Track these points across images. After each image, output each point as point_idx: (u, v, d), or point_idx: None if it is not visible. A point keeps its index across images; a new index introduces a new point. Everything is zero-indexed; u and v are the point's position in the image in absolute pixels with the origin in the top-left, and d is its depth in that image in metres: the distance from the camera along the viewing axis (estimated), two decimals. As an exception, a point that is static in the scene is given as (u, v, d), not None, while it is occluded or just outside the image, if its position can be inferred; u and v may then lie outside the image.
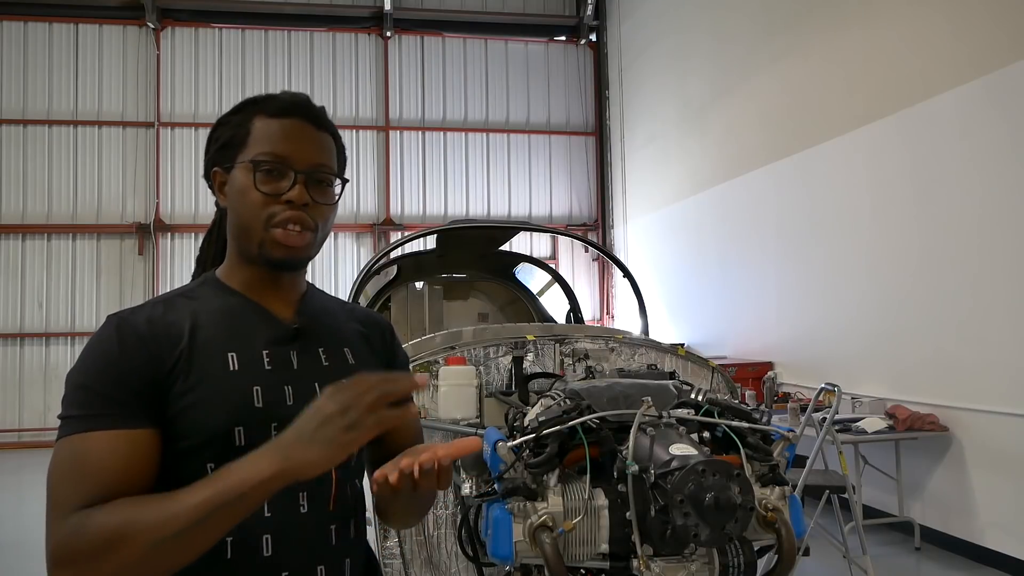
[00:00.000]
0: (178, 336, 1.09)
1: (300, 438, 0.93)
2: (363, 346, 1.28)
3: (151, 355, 1.06)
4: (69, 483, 0.97)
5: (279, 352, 1.14)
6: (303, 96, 1.19)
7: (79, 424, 1.01)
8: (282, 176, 1.13)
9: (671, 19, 9.39)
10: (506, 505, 1.66)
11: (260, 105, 1.17)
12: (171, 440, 1.06)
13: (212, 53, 10.60)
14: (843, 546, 4.11)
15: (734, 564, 1.59)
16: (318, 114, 1.19)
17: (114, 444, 0.99)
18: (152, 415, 1.04)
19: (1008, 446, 4.48)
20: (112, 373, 1.03)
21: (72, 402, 1.03)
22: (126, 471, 0.99)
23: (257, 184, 1.12)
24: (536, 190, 11.53)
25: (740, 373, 6.65)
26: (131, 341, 1.06)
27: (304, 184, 1.13)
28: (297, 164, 1.13)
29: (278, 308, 1.19)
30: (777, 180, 6.91)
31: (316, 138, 1.17)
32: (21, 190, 9.98)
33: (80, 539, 0.92)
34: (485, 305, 5.96)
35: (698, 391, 1.99)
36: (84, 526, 0.93)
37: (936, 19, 5.04)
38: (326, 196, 1.17)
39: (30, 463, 8.34)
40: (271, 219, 1.12)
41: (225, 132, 1.19)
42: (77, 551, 0.92)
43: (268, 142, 1.14)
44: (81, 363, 1.06)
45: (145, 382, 1.04)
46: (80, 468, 0.98)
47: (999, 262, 4.53)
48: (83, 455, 0.99)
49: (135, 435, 1.02)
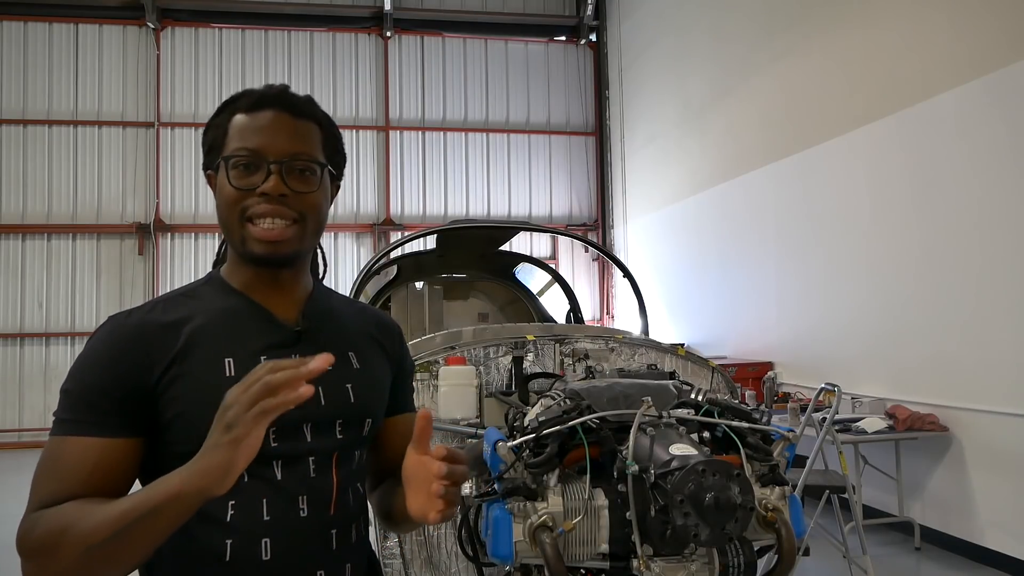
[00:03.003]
0: (173, 340, 1.07)
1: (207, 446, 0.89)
2: (372, 349, 1.26)
3: (140, 360, 1.05)
4: (41, 482, 1.01)
5: (279, 356, 1.12)
6: (279, 87, 1.17)
7: (61, 427, 1.03)
8: (256, 169, 1.11)
9: (671, 19, 9.39)
10: (506, 505, 1.66)
11: (236, 102, 1.16)
12: (167, 444, 1.06)
13: (212, 53, 10.60)
14: (843, 546, 4.11)
15: (734, 564, 1.59)
16: (295, 102, 1.16)
17: (85, 451, 1.01)
18: (134, 424, 1.04)
19: (1008, 446, 4.48)
20: (97, 380, 1.04)
21: (60, 403, 1.05)
22: (91, 478, 1.00)
23: (231, 180, 1.11)
24: (536, 190, 11.53)
25: (740, 373, 6.65)
26: (120, 346, 1.06)
27: (280, 174, 1.10)
28: (270, 155, 1.11)
29: (281, 309, 1.17)
30: (777, 180, 6.91)
31: (292, 126, 1.14)
32: (21, 190, 9.98)
33: (31, 536, 0.96)
34: (485, 305, 5.95)
35: (698, 391, 1.99)
36: (36, 524, 0.96)
37: (936, 19, 5.04)
38: (307, 184, 1.13)
39: (30, 463, 8.20)
40: (244, 213, 1.10)
41: (209, 136, 1.18)
42: (29, 547, 0.95)
43: (241, 137, 1.12)
44: (75, 366, 1.07)
45: (128, 389, 1.04)
46: (52, 470, 1.01)
47: (999, 262, 4.53)
48: (58, 458, 1.01)
49: (108, 444, 1.02)
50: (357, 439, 1.19)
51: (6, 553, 1.10)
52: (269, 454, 1.08)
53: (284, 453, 1.09)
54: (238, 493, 1.04)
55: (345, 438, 1.16)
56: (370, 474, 1.31)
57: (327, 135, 1.20)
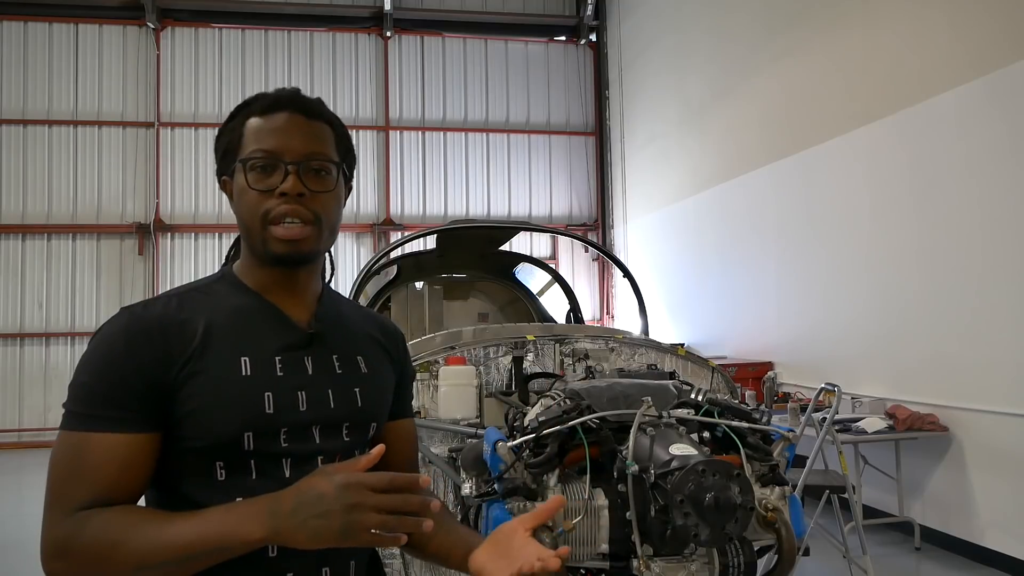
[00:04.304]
0: (191, 335, 1.08)
1: (295, 514, 0.94)
2: (378, 354, 1.27)
3: (159, 355, 1.05)
4: (68, 482, 1.00)
5: (293, 357, 1.13)
6: (291, 90, 1.18)
7: (80, 421, 1.02)
8: (274, 171, 1.12)
9: (671, 19, 9.39)
10: (506, 505, 1.66)
11: (250, 106, 1.17)
12: (180, 439, 1.06)
13: (212, 53, 10.60)
14: (843, 546, 4.11)
15: (734, 564, 1.59)
16: (308, 104, 1.17)
17: (112, 448, 1.01)
18: (153, 418, 1.04)
19: (1008, 446, 4.48)
20: (116, 373, 1.03)
21: (75, 396, 1.04)
22: (121, 475, 1.01)
23: (250, 183, 1.12)
24: (536, 190, 11.53)
25: (740, 373, 6.65)
26: (139, 340, 1.05)
27: (297, 174, 1.11)
28: (287, 156, 1.12)
29: (294, 311, 1.18)
30: (777, 180, 6.91)
31: (307, 127, 1.15)
32: (21, 190, 9.98)
33: (75, 542, 0.97)
34: (485, 305, 5.95)
35: (698, 391, 1.99)
36: (81, 532, 0.97)
37: (936, 19, 5.04)
38: (324, 184, 1.15)
39: (30, 463, 8.33)
40: (267, 215, 1.11)
41: (224, 140, 1.19)
42: (70, 553, 0.97)
43: (257, 140, 1.13)
44: (88, 357, 1.06)
45: (148, 384, 1.04)
46: (79, 468, 1.00)
47: (999, 262, 4.53)
48: (82, 455, 1.01)
49: (132, 439, 1.02)
50: (362, 442, 1.20)
51: (6, 553, 1.09)
52: (279, 453, 1.09)
53: (294, 452, 1.11)
54: (246, 491, 1.05)
55: (351, 440, 1.18)
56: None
57: (339, 135, 1.22)
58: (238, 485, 1.06)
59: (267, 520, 0.95)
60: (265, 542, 0.95)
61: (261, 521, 0.95)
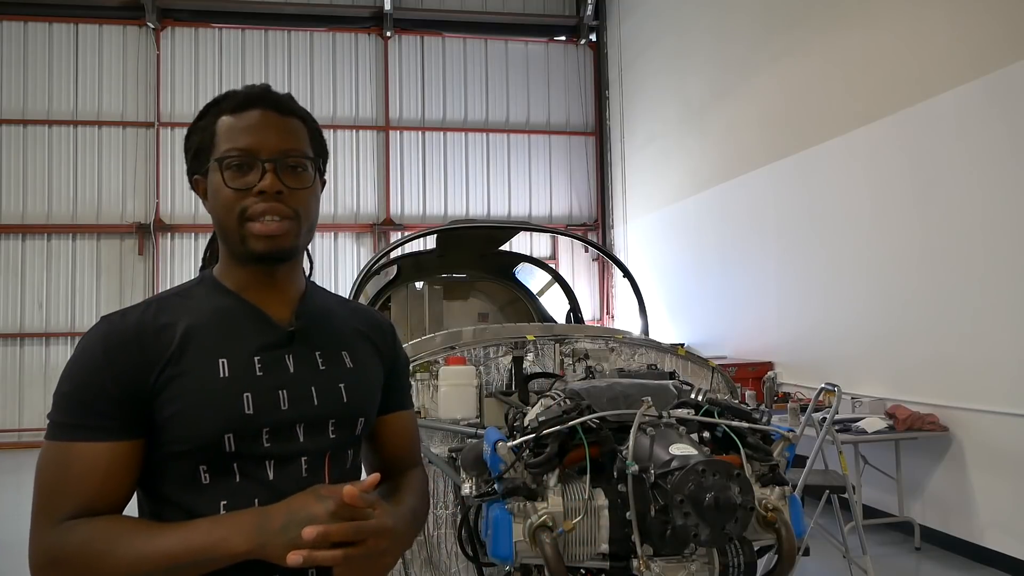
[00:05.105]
0: (169, 340, 1.07)
1: (284, 532, 0.96)
2: (364, 348, 1.26)
3: (137, 361, 1.05)
4: (54, 492, 1.01)
5: (273, 356, 1.12)
6: (262, 86, 1.17)
7: (62, 431, 1.03)
8: (250, 169, 1.11)
9: (671, 19, 9.39)
10: (506, 505, 1.66)
11: (221, 105, 1.16)
12: (163, 443, 1.06)
13: (212, 53, 10.59)
14: (843, 546, 4.11)
15: (734, 564, 1.59)
16: (280, 100, 1.16)
17: (94, 457, 1.01)
18: (134, 425, 1.04)
19: (1008, 446, 4.48)
20: (95, 383, 1.03)
21: (57, 406, 1.04)
22: (105, 483, 1.02)
23: (226, 181, 1.11)
24: (536, 190, 11.53)
25: (740, 373, 6.65)
26: (117, 348, 1.05)
27: (275, 172, 1.11)
28: (263, 153, 1.11)
29: (275, 309, 1.17)
30: (777, 180, 6.91)
31: (280, 124, 1.14)
32: (21, 190, 9.98)
33: (63, 553, 0.98)
34: (485, 305, 5.95)
35: (698, 391, 1.99)
36: (68, 542, 0.98)
37: (936, 19, 5.04)
38: (300, 180, 1.14)
39: (30, 463, 8.19)
40: (244, 213, 1.10)
41: (195, 140, 1.18)
42: (59, 564, 0.98)
43: (230, 138, 1.12)
44: (69, 367, 1.06)
45: (127, 391, 1.04)
46: (63, 478, 1.01)
47: (999, 262, 4.53)
48: (66, 465, 1.01)
49: (115, 447, 1.02)
50: (350, 439, 1.19)
51: (6, 552, 1.09)
52: (262, 454, 1.09)
53: (277, 453, 1.10)
54: (230, 494, 1.06)
55: (338, 438, 1.16)
56: (367, 469, 1.32)
57: (312, 131, 1.21)
58: (222, 488, 1.06)
59: (255, 535, 0.96)
60: (250, 556, 0.97)
61: (248, 535, 0.96)
